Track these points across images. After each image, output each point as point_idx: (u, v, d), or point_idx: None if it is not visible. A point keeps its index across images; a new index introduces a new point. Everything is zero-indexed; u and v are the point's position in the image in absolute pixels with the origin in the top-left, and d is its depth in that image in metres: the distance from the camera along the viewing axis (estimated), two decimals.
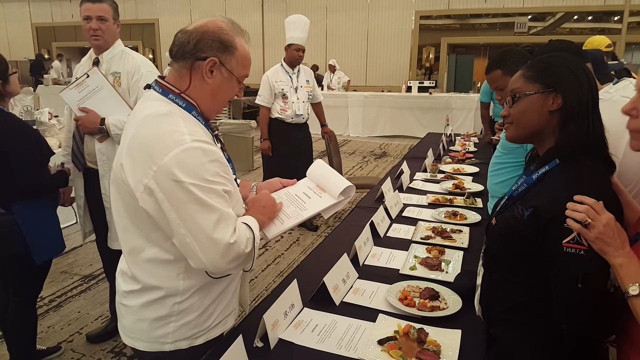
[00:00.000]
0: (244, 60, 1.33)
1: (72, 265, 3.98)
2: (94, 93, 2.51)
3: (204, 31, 1.28)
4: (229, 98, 1.37)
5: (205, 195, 1.17)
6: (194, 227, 1.18)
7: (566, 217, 1.10)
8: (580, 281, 1.08)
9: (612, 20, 10.92)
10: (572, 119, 1.21)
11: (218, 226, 1.19)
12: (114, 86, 2.53)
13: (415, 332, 1.39)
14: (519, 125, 1.30)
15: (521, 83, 1.29)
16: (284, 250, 4.33)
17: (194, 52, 1.27)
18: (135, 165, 1.20)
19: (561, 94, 1.22)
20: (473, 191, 2.90)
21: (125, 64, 2.59)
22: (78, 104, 2.52)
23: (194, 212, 1.17)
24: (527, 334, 1.25)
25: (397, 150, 9.17)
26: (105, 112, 2.50)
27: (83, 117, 2.51)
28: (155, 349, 1.35)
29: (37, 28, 16.55)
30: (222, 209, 1.21)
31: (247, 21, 13.27)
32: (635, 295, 1.02)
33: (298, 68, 4.54)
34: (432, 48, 12.55)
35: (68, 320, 3.12)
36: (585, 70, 1.25)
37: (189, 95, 1.30)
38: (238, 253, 1.23)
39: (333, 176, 1.57)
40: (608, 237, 1.07)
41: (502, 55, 2.19)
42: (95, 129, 2.50)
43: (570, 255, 1.10)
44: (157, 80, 1.35)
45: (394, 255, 2.02)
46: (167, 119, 1.23)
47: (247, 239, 1.25)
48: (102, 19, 2.51)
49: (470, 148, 4.38)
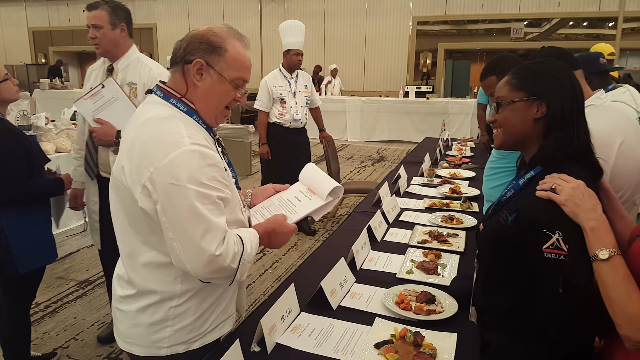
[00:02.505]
0: (235, 62, 1.31)
1: (68, 271, 3.96)
2: (109, 104, 2.44)
3: (193, 35, 1.30)
4: (224, 102, 1.35)
5: (198, 201, 1.18)
6: (181, 233, 1.19)
7: (545, 222, 1.12)
8: (562, 286, 1.08)
9: (607, 26, 11.00)
10: (556, 127, 1.22)
11: (205, 236, 1.19)
12: (130, 97, 2.46)
13: (411, 336, 1.40)
14: (505, 132, 1.31)
15: (506, 91, 1.30)
16: (282, 255, 4.33)
17: (183, 55, 1.30)
18: (134, 167, 1.21)
19: (545, 102, 1.23)
20: (469, 195, 2.91)
21: (141, 74, 2.52)
22: (93, 114, 2.45)
23: (184, 219, 1.18)
24: (520, 339, 1.25)
25: (395, 155, 9.19)
26: (120, 124, 2.39)
27: (98, 129, 2.44)
28: (151, 354, 1.34)
29: (34, 32, 16.55)
30: (212, 218, 1.20)
31: (245, 26, 13.29)
32: (604, 260, 1.03)
33: (296, 73, 4.56)
34: (429, 53, 12.60)
35: (64, 326, 3.11)
36: (570, 78, 1.26)
37: (189, 100, 1.31)
38: (222, 266, 1.22)
39: (322, 178, 1.61)
40: (577, 198, 1.09)
41: (496, 62, 2.21)
42: (110, 142, 2.43)
43: (551, 261, 1.10)
44: (159, 85, 1.35)
45: (391, 259, 2.03)
46: (168, 121, 1.24)
47: (233, 254, 1.24)
48: (97, 27, 2.44)
49: (466, 153, 4.40)
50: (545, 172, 1.21)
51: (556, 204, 1.12)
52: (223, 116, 1.38)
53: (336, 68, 11.86)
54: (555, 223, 1.11)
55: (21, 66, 15.49)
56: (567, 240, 1.09)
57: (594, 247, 1.06)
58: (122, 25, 2.50)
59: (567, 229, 1.10)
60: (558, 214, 1.11)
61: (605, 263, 1.03)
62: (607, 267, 1.03)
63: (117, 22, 2.47)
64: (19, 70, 15.21)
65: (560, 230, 1.10)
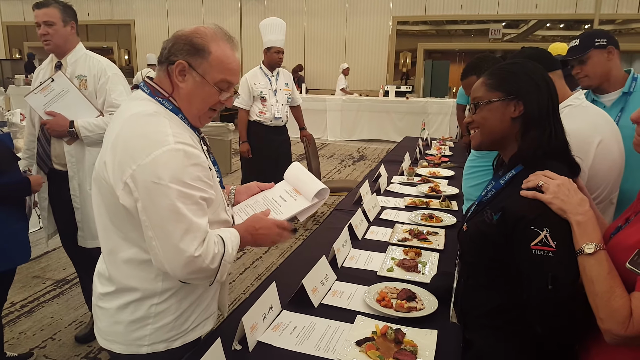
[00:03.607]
0: (220, 64, 1.28)
1: (44, 270, 3.89)
2: (60, 97, 2.52)
3: (178, 36, 1.29)
4: (208, 104, 1.32)
5: (180, 201, 1.17)
6: (161, 233, 1.18)
7: (532, 219, 1.13)
8: (550, 283, 1.08)
9: (583, 28, 11.23)
10: (533, 125, 1.24)
11: (185, 237, 1.18)
12: (80, 89, 2.54)
13: (392, 333, 1.41)
14: (483, 132, 1.32)
15: (483, 91, 1.31)
16: (262, 254, 4.31)
17: (167, 56, 1.29)
18: (116, 163, 1.20)
19: (522, 102, 1.25)
20: (449, 194, 2.95)
21: (90, 67, 2.59)
22: (44, 107, 2.53)
23: (165, 218, 1.17)
24: (504, 339, 1.25)
25: (375, 153, 9.24)
26: (72, 115, 2.52)
27: (51, 121, 2.52)
28: (131, 352, 1.33)
29: (8, 27, 16.17)
30: (193, 219, 1.19)
31: (225, 24, 13.05)
32: (589, 254, 1.05)
33: (277, 71, 4.54)
34: (409, 53, 12.70)
35: (41, 326, 3.06)
36: (544, 78, 1.29)
37: (174, 99, 1.30)
38: (201, 267, 1.22)
39: (308, 179, 1.59)
40: (564, 195, 1.11)
41: (477, 62, 2.24)
42: (64, 132, 2.51)
43: (539, 258, 1.11)
44: (146, 81, 1.34)
45: (372, 257, 2.04)
46: (153, 119, 1.23)
47: (213, 255, 1.23)
48: (49, 24, 2.50)
49: (446, 152, 4.45)
50: (526, 171, 1.23)
51: (542, 202, 1.13)
52: (208, 117, 1.36)
53: (348, 67, 11.71)
54: (543, 220, 1.12)
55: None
56: (555, 237, 1.10)
57: (580, 242, 1.07)
58: (72, 23, 2.60)
59: (555, 225, 1.11)
60: (545, 210, 1.12)
61: (590, 257, 1.05)
62: (592, 261, 1.05)
63: (67, 20, 2.57)
64: None
65: (548, 227, 1.11)
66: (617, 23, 11.05)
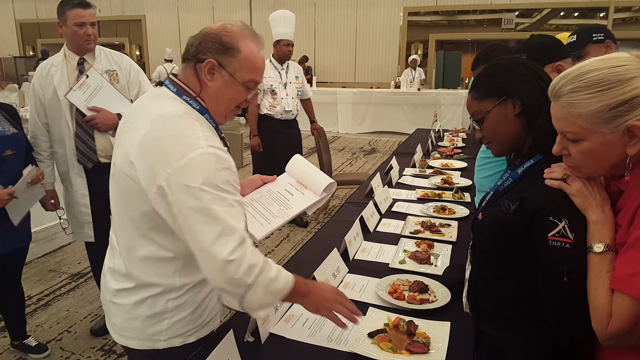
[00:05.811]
0: (248, 63, 1.26)
1: (60, 264, 3.95)
2: (97, 92, 2.60)
3: (206, 33, 1.26)
4: (235, 102, 1.31)
5: (214, 204, 1.13)
6: (192, 238, 1.14)
7: (551, 209, 1.11)
8: (566, 275, 1.07)
9: (598, 17, 11.03)
10: (537, 113, 1.23)
11: (218, 240, 1.12)
12: (112, 83, 2.65)
13: (404, 325, 1.41)
14: (497, 142, 1.31)
15: (476, 105, 1.31)
16: (274, 247, 4.33)
17: (195, 54, 1.26)
18: (148, 165, 1.17)
19: (516, 96, 1.25)
20: (461, 186, 2.93)
21: (117, 61, 2.72)
22: (85, 103, 2.59)
23: (197, 221, 1.13)
24: (517, 330, 1.24)
25: (386, 146, 9.20)
26: (111, 109, 2.61)
27: (99, 116, 2.58)
28: (148, 347, 1.33)
29: (22, 24, 16.33)
30: (228, 221, 1.13)
31: (235, 18, 13.11)
32: (598, 253, 1.04)
33: (287, 64, 4.53)
34: (420, 44, 12.59)
35: (57, 319, 3.10)
36: (523, 64, 1.29)
37: (202, 99, 1.28)
38: (233, 277, 1.12)
39: (314, 172, 1.58)
40: (588, 191, 1.10)
41: (488, 52, 2.22)
42: (115, 124, 2.57)
43: (556, 249, 1.09)
44: (171, 79, 1.31)
45: (384, 249, 2.04)
46: (184, 120, 1.20)
47: (249, 266, 1.13)
48: (94, 24, 2.61)
49: (458, 143, 4.41)
50: (545, 161, 1.22)
51: (562, 192, 1.12)
52: (233, 115, 1.35)
53: (415, 59, 11.06)
54: (562, 211, 1.11)
55: (9, 59, 15.25)
56: (574, 229, 1.09)
57: (592, 239, 1.07)
58: None
59: (574, 217, 1.10)
60: (565, 202, 1.11)
61: (596, 255, 1.04)
62: (596, 259, 1.04)
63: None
64: (7, 63, 14.97)
65: (567, 219, 1.10)
66: (634, 10, 10.83)
